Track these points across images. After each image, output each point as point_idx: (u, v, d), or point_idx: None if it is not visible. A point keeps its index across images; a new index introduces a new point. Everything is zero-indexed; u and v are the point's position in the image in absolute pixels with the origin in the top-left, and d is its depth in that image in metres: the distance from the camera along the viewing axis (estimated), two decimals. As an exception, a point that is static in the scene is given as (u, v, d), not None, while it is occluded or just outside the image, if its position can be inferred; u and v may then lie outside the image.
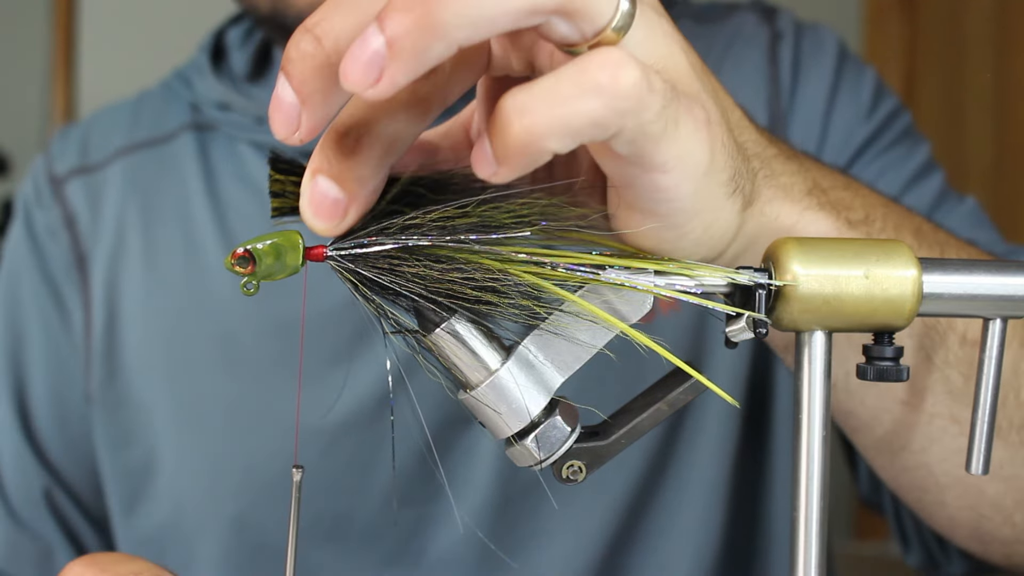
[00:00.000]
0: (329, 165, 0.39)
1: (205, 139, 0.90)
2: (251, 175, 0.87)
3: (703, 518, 0.82)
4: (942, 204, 0.82)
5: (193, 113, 0.91)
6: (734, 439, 0.83)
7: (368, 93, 0.34)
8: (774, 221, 0.49)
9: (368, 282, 0.41)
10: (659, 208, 0.41)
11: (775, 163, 0.50)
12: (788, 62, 0.87)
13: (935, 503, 0.64)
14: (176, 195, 0.88)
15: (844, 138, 0.85)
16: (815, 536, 0.44)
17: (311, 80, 0.36)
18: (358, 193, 0.39)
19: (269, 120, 0.37)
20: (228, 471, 0.83)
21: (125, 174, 0.90)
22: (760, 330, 0.42)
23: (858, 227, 0.53)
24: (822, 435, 0.44)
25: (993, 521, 0.63)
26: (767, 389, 0.85)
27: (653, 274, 0.42)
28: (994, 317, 0.45)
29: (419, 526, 0.81)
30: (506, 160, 0.36)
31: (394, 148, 0.40)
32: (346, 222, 0.39)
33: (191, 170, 0.89)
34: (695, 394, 0.45)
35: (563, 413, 0.44)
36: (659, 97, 0.37)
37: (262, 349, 0.83)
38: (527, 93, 0.35)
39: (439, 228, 0.40)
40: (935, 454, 0.60)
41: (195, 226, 0.87)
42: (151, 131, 0.92)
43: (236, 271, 0.41)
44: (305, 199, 0.39)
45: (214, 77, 0.90)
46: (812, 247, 0.43)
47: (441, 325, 0.42)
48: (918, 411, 0.58)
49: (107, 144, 0.92)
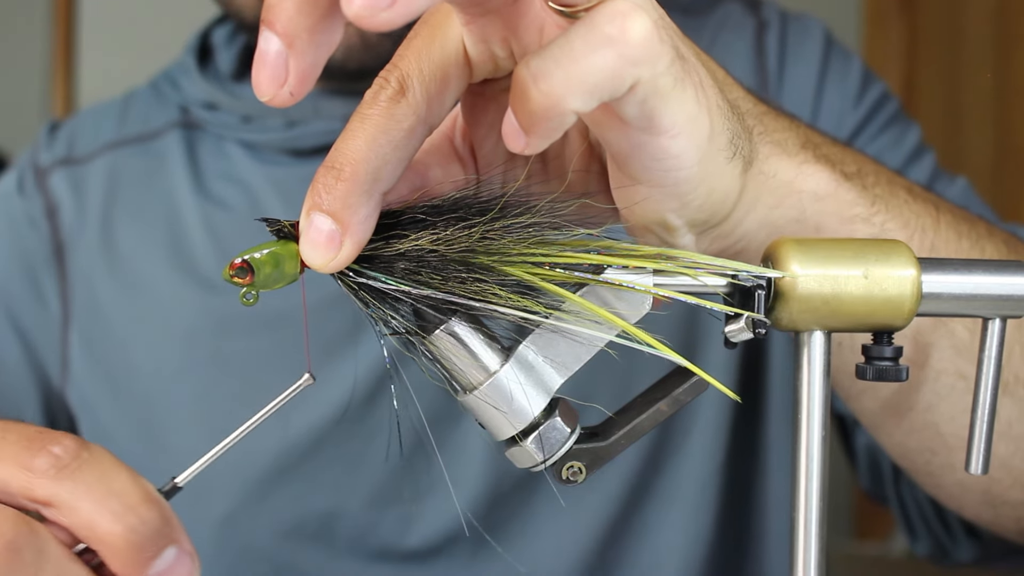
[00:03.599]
0: (321, 199, 0.39)
1: (193, 137, 0.90)
2: (238, 173, 0.87)
3: (696, 511, 0.82)
4: (934, 184, 0.82)
5: (181, 112, 0.92)
6: (727, 431, 0.82)
7: (381, 16, 0.32)
8: (773, 178, 0.49)
9: (367, 287, 0.41)
10: (666, 178, 0.41)
11: (767, 119, 0.50)
12: (774, 51, 0.86)
13: (944, 465, 0.63)
14: (163, 191, 0.88)
15: (834, 126, 0.84)
16: (814, 536, 0.44)
17: (296, 17, 0.35)
18: (350, 221, 0.39)
19: (253, 82, 0.37)
20: (214, 471, 0.81)
21: (111, 168, 0.90)
22: (759, 330, 0.42)
23: (852, 179, 0.52)
24: (821, 435, 0.44)
25: (1003, 483, 0.62)
26: (759, 382, 0.85)
27: (652, 274, 0.42)
28: (993, 317, 0.45)
29: (406, 524, 0.81)
30: (532, 128, 0.36)
31: (383, 175, 0.39)
32: (343, 254, 0.39)
33: (178, 166, 0.89)
34: (695, 394, 0.45)
35: (563, 414, 0.44)
36: (669, 48, 0.37)
37: (248, 347, 0.83)
38: (539, 57, 0.35)
39: (438, 237, 0.40)
40: (943, 412, 0.59)
41: (182, 222, 0.86)
42: (139, 127, 0.92)
43: (235, 282, 0.41)
44: (302, 236, 0.39)
45: (200, 77, 0.90)
46: (811, 247, 0.43)
47: (440, 326, 0.42)
48: (924, 368, 0.57)
49: (94, 139, 0.92)
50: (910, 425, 0.61)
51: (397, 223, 0.41)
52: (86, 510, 0.40)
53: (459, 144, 0.48)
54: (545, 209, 0.41)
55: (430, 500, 0.81)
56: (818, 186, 0.50)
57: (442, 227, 0.41)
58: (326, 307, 0.76)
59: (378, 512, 0.81)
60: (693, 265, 0.42)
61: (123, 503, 0.40)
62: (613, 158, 0.42)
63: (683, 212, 0.43)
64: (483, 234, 0.40)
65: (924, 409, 0.59)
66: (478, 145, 0.48)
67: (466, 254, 0.40)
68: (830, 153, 0.53)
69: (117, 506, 0.40)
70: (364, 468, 0.81)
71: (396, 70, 0.40)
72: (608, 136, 0.41)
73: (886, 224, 0.53)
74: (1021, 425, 0.59)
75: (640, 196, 0.42)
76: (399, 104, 0.39)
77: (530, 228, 0.41)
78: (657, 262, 0.42)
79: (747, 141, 0.46)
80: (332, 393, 0.80)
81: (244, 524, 0.81)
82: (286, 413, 0.81)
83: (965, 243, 0.56)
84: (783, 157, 0.50)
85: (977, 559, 0.77)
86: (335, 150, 0.39)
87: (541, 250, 0.41)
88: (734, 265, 0.43)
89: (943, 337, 0.56)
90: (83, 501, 0.40)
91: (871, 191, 0.53)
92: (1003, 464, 0.61)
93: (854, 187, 0.52)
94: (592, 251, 0.42)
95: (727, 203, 0.46)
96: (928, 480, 0.66)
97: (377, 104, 0.39)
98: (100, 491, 0.40)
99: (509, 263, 0.40)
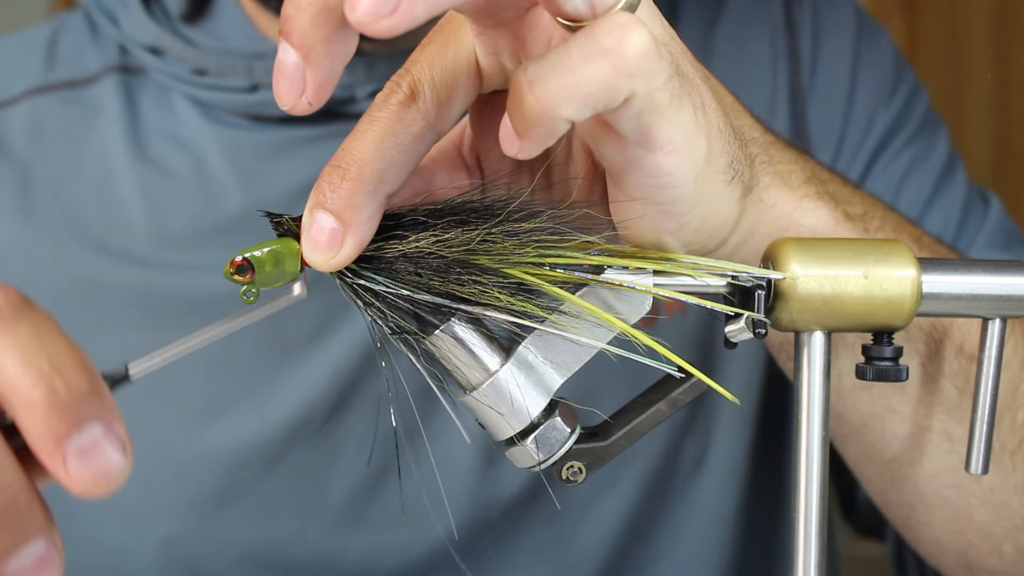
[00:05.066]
0: (325, 197, 0.39)
1: (133, 84, 0.77)
2: (185, 134, 0.75)
3: (707, 547, 0.76)
4: (969, 210, 0.77)
5: (120, 54, 0.79)
6: (747, 446, 0.76)
7: (381, 24, 0.33)
8: (772, 208, 0.49)
9: (367, 289, 0.41)
10: (661, 196, 0.41)
11: (772, 149, 0.50)
12: (808, 29, 0.80)
13: (922, 523, 0.62)
14: (94, 149, 0.75)
15: (867, 122, 0.80)
16: (815, 536, 0.44)
17: (311, 30, 0.35)
18: (352, 221, 0.39)
19: (274, 91, 0.37)
20: (155, 486, 0.71)
21: (35, 116, 0.77)
22: (759, 330, 0.42)
23: (856, 221, 0.52)
24: (822, 435, 0.44)
25: (980, 549, 0.61)
26: (782, 393, 0.78)
27: (652, 274, 0.42)
28: (993, 317, 0.45)
29: (375, 554, 0.72)
30: (526, 133, 0.36)
31: (389, 177, 0.40)
32: (344, 253, 0.39)
33: (113, 120, 0.76)
34: (695, 394, 0.45)
35: (563, 414, 0.44)
36: (667, 64, 0.37)
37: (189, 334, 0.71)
38: (537, 64, 0.35)
39: (439, 239, 0.41)
40: (925, 469, 0.58)
41: (114, 184, 0.74)
42: (69, 71, 0.79)
43: (235, 280, 0.40)
44: (304, 234, 0.40)
45: (145, 14, 0.76)
46: (811, 247, 0.43)
47: (440, 327, 0.42)
48: (909, 422, 0.57)
49: (17, 80, 0.79)
50: (892, 476, 0.60)
51: (398, 225, 0.41)
52: (10, 365, 0.36)
53: (466, 153, 0.48)
54: (547, 216, 0.41)
55: (405, 529, 0.72)
56: (816, 222, 0.50)
57: (442, 230, 0.41)
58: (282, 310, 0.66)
59: (344, 538, 0.72)
60: (693, 265, 0.42)
61: (52, 364, 0.36)
62: (610, 173, 0.43)
63: (680, 234, 0.43)
64: (484, 237, 0.40)
65: (907, 463, 0.59)
66: (484, 155, 0.48)
67: (466, 255, 0.41)
68: (837, 191, 0.52)
69: (45, 365, 0.36)
70: (328, 488, 0.71)
71: (408, 75, 0.40)
72: (605, 150, 0.41)
73: None
74: (1003, 493, 0.58)
75: (637, 213, 0.42)
76: (409, 109, 0.40)
77: (531, 233, 0.41)
78: (657, 263, 0.42)
79: (747, 168, 0.46)
80: (294, 401, 0.70)
81: (189, 548, 0.71)
82: (237, 425, 0.70)
83: None
84: (784, 189, 0.49)
85: None
86: (342, 149, 0.39)
87: (541, 250, 0.41)
88: (734, 266, 0.43)
89: (932, 394, 0.56)
90: (9, 354, 0.36)
91: (872, 236, 0.52)
92: (981, 531, 0.60)
93: (855, 228, 0.51)
94: (592, 252, 0.42)
95: (724, 228, 0.45)
96: (908, 534, 0.65)
97: (387, 107, 0.40)
98: (31, 348, 0.36)
99: (509, 263, 0.41)
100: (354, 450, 0.70)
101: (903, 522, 0.64)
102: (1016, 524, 0.59)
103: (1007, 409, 0.56)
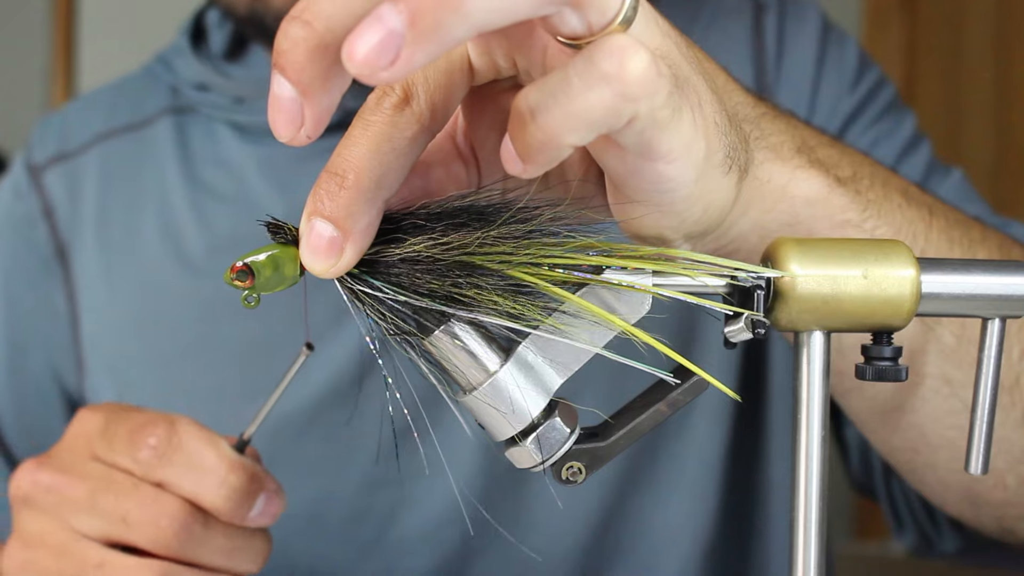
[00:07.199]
0: (323, 205, 0.38)
1: (184, 123, 0.90)
2: (228, 157, 0.87)
3: (695, 499, 0.82)
4: (930, 176, 0.82)
5: (173, 96, 0.91)
6: (725, 429, 0.83)
7: (381, 75, 0.32)
8: (767, 184, 0.49)
9: (366, 291, 0.41)
10: (662, 198, 0.41)
11: (764, 122, 0.50)
12: (773, 34, 0.86)
13: (926, 465, 0.64)
14: (154, 180, 0.88)
15: (830, 110, 0.84)
16: (814, 536, 0.44)
17: (308, 66, 0.35)
18: (351, 229, 0.39)
19: (270, 124, 0.36)
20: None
21: (104, 160, 0.90)
22: (759, 330, 0.42)
23: (846, 184, 0.52)
24: (821, 435, 0.44)
25: (984, 483, 0.63)
26: (760, 379, 0.85)
27: (651, 274, 0.42)
28: (993, 317, 0.45)
29: (397, 509, 0.81)
30: (529, 158, 0.36)
31: (387, 183, 0.39)
32: (343, 261, 0.39)
33: (169, 154, 0.88)
34: (695, 394, 0.45)
35: (562, 414, 0.44)
36: (667, 82, 0.37)
37: (238, 332, 0.83)
38: (539, 91, 0.35)
39: (437, 242, 0.40)
40: (927, 414, 0.60)
41: (173, 211, 0.86)
42: (130, 116, 0.92)
43: (235, 285, 0.41)
44: (303, 242, 0.39)
45: (194, 58, 0.89)
46: (810, 247, 0.43)
47: (440, 327, 0.42)
48: (910, 371, 0.58)
49: (85, 129, 0.92)
50: (895, 424, 0.62)
51: (397, 228, 0.41)
52: (188, 488, 0.53)
53: (461, 142, 0.48)
54: (546, 216, 0.41)
55: (421, 484, 0.80)
56: (810, 191, 0.51)
57: (441, 232, 0.41)
58: (309, 291, 0.75)
59: (370, 494, 0.80)
60: (692, 265, 0.42)
61: (215, 477, 0.53)
62: (610, 179, 0.43)
63: (680, 227, 0.44)
64: (483, 239, 0.40)
65: (909, 410, 0.60)
66: (479, 145, 0.48)
67: (465, 256, 0.40)
68: (825, 156, 0.53)
69: (211, 481, 0.53)
70: (354, 453, 0.80)
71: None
72: (605, 160, 0.41)
73: (877, 230, 0.53)
74: (1003, 428, 0.60)
75: (638, 213, 0.42)
76: (403, 112, 0.39)
77: (530, 234, 0.41)
78: (656, 263, 0.42)
79: (743, 151, 0.46)
80: (320, 376, 0.80)
81: None
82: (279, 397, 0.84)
83: (957, 250, 0.57)
84: (777, 162, 0.50)
85: (961, 551, 0.78)
86: (337, 155, 0.39)
87: (540, 251, 0.41)
88: (733, 265, 0.43)
89: (930, 341, 0.57)
90: (184, 481, 0.53)
91: (864, 196, 0.53)
92: None
93: (847, 192, 0.52)
94: (591, 252, 0.42)
95: (723, 212, 0.46)
96: (912, 477, 0.67)
97: (381, 111, 0.39)
98: (195, 472, 0.53)
99: (508, 264, 0.40)
100: (376, 416, 0.76)
101: (907, 466, 0.66)
102: (1016, 457, 0.61)
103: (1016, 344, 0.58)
